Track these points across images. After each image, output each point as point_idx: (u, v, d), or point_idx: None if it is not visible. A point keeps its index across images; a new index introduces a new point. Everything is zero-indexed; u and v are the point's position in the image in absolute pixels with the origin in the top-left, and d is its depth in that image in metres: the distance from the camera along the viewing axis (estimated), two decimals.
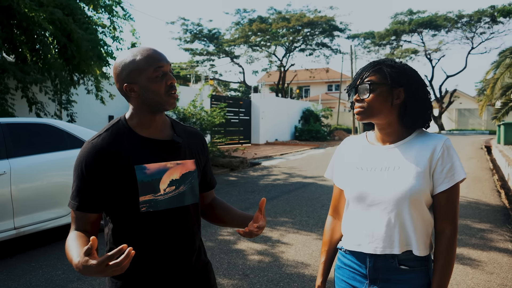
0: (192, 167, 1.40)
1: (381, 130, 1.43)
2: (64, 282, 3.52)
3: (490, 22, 30.16)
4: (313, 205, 6.47)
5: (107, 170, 1.27)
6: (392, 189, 1.35)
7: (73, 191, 1.31)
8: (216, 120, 11.43)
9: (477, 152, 15.20)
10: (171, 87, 1.29)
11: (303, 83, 40.92)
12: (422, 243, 1.36)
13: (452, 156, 1.34)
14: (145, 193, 1.29)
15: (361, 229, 1.41)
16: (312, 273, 3.70)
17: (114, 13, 9.11)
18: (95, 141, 1.30)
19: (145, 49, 1.29)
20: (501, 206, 6.46)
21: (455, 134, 30.04)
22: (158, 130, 1.36)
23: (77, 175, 1.29)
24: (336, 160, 1.58)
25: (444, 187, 1.33)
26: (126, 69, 1.28)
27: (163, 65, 1.28)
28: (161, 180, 1.31)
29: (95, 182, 1.28)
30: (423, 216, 1.35)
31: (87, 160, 1.28)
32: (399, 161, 1.38)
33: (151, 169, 1.30)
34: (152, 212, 1.30)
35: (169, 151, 1.35)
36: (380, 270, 1.38)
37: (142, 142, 1.32)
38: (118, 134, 1.32)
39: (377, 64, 1.41)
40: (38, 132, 4.70)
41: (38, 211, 4.38)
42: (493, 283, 3.51)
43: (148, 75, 1.26)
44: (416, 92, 1.37)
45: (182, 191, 1.35)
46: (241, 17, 29.12)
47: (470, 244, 4.50)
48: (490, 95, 12.80)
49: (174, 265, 1.37)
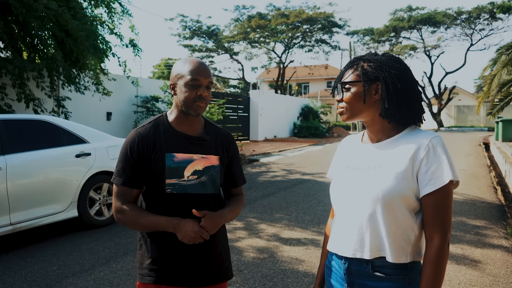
0: (216, 162, 1.62)
1: (368, 127, 1.39)
2: (59, 278, 3.54)
3: (490, 19, 30.07)
4: (310, 202, 6.49)
5: (145, 154, 1.55)
6: (367, 189, 1.29)
7: (119, 169, 1.56)
8: (214, 117, 11.43)
9: (475, 149, 15.22)
10: (199, 97, 1.52)
11: (302, 79, 40.88)
12: (398, 250, 1.26)
13: (439, 156, 1.22)
14: (171, 177, 1.54)
15: (338, 230, 1.39)
16: (306, 269, 3.72)
17: (112, 9, 9.10)
18: (140, 130, 1.59)
19: (194, 61, 1.55)
20: (497, 203, 6.48)
21: (454, 131, 30.05)
22: (191, 127, 1.61)
23: (123, 157, 1.57)
24: (334, 160, 1.56)
25: (428, 190, 1.22)
26: (175, 71, 1.56)
27: (200, 78, 1.52)
28: (186, 168, 1.55)
29: (136, 163, 1.55)
30: (400, 221, 1.26)
31: (131, 144, 1.56)
32: (381, 160, 1.31)
33: (179, 157, 1.56)
34: (175, 195, 1.54)
35: (196, 145, 1.59)
36: (355, 274, 1.34)
37: (175, 135, 1.58)
38: (158, 126, 1.59)
39: (355, 60, 1.37)
40: (34, 129, 4.70)
41: (34, 207, 4.40)
42: (485, 279, 3.53)
43: (185, 81, 1.52)
44: (393, 84, 1.28)
45: (203, 181, 1.58)
46: (240, 13, 29.04)
47: (464, 241, 4.52)
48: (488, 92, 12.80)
49: (193, 249, 1.56)
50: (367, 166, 1.34)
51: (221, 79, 37.51)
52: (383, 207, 1.25)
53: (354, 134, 1.58)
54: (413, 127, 1.35)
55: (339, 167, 1.47)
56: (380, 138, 1.36)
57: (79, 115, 10.00)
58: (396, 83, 1.28)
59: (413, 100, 1.31)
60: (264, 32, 27.69)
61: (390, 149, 1.32)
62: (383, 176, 1.27)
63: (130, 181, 1.55)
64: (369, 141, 1.41)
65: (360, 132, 1.52)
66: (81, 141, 5.03)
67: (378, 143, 1.36)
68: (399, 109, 1.30)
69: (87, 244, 4.44)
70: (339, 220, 1.40)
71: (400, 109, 1.30)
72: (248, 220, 5.39)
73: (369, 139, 1.41)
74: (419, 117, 1.34)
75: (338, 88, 1.37)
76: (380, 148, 1.35)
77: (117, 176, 1.56)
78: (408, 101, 1.30)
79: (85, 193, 4.94)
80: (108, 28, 9.26)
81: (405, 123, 1.34)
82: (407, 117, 1.32)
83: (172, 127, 1.59)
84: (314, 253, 4.14)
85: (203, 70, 1.53)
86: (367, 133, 1.43)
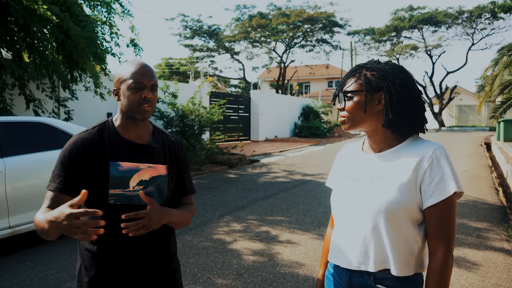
0: (164, 171, 1.52)
1: (370, 137, 1.37)
2: (58, 282, 3.52)
3: (491, 18, 30.01)
4: (310, 203, 6.47)
5: (86, 161, 1.44)
6: (370, 201, 1.27)
7: (53, 174, 1.45)
8: (214, 117, 11.41)
9: (477, 149, 15.17)
10: (144, 100, 1.43)
11: (303, 79, 40.85)
12: (402, 262, 1.24)
13: (442, 167, 1.20)
14: (115, 187, 1.43)
15: (340, 241, 1.37)
16: (307, 273, 3.70)
17: (112, 10, 9.08)
18: (82, 134, 1.49)
19: (136, 62, 1.47)
20: (498, 204, 6.44)
21: (455, 131, 30.00)
22: (138, 134, 1.51)
23: (60, 161, 1.45)
24: (334, 168, 1.53)
25: (432, 202, 1.20)
26: (118, 75, 1.47)
27: (143, 80, 1.43)
28: (132, 178, 1.45)
29: (74, 169, 1.43)
30: (404, 233, 1.24)
31: (71, 149, 1.45)
32: (383, 171, 1.29)
33: (124, 167, 1.45)
34: (119, 206, 1.43)
35: (144, 154, 1.50)
36: (356, 286, 1.32)
37: (121, 142, 1.48)
38: (103, 132, 1.49)
39: (358, 68, 1.34)
40: (33, 131, 4.68)
41: (33, 210, 4.37)
42: (487, 283, 3.50)
43: (128, 85, 1.44)
44: (397, 95, 1.26)
45: (150, 191, 1.48)
46: (241, 13, 29.03)
47: (466, 244, 4.49)
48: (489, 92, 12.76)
49: (139, 263, 1.47)
50: (369, 177, 1.31)
51: (222, 78, 37.50)
52: (386, 219, 1.23)
53: (354, 141, 1.54)
54: (415, 136, 1.33)
55: (340, 177, 1.44)
56: (382, 148, 1.34)
57: (79, 115, 9.98)
58: (400, 93, 1.26)
59: (417, 110, 1.29)
60: (265, 32, 27.68)
61: (392, 160, 1.29)
62: (386, 188, 1.25)
63: (61, 185, 1.41)
64: (371, 151, 1.38)
65: (360, 140, 1.49)
66: None
67: (380, 153, 1.34)
68: (403, 120, 1.27)
69: None
70: (341, 231, 1.37)
71: (404, 120, 1.27)
72: (249, 222, 5.36)
73: (370, 149, 1.39)
74: (422, 127, 1.32)
75: (340, 96, 1.34)
76: (382, 159, 1.32)
77: (49, 182, 1.44)
78: (412, 112, 1.28)
79: None
80: (109, 28, 9.25)
81: (408, 133, 1.32)
82: (411, 127, 1.30)
83: (118, 133, 1.49)
84: (314, 256, 4.11)
85: (145, 71, 1.45)
86: (368, 142, 1.40)
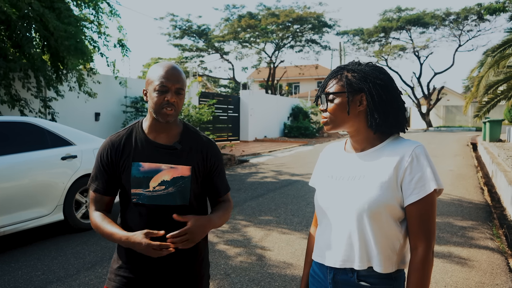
0: (186, 172, 1.54)
1: (352, 137, 1.39)
2: (43, 283, 3.48)
3: (477, 20, 30.43)
4: (298, 203, 6.49)
5: (113, 163, 1.54)
6: (352, 200, 1.29)
7: (92, 176, 1.58)
8: (204, 117, 11.39)
9: (463, 149, 15.38)
10: (167, 103, 1.46)
11: (292, 79, 40.94)
12: (385, 259, 1.27)
13: (422, 165, 1.24)
14: (136, 187, 1.50)
15: (324, 240, 1.38)
16: (294, 273, 3.71)
17: (100, 9, 8.99)
18: (112, 137, 1.58)
19: (165, 65, 1.50)
20: (483, 203, 6.54)
21: (443, 131, 30.35)
22: (165, 134, 1.55)
23: (95, 163, 1.58)
24: (317, 168, 1.55)
25: (413, 199, 1.23)
26: (147, 76, 1.52)
27: (168, 83, 1.46)
28: (153, 178, 1.50)
29: (106, 171, 1.55)
30: (386, 230, 1.27)
31: (101, 152, 1.56)
32: (365, 170, 1.31)
33: (145, 167, 1.51)
34: (141, 205, 1.51)
35: (166, 154, 1.53)
36: (340, 284, 1.34)
37: (146, 143, 1.54)
38: (132, 133, 1.57)
39: (339, 70, 1.36)
40: (19, 131, 4.62)
41: (18, 211, 4.32)
42: (471, 280, 3.55)
43: (154, 87, 1.48)
44: (378, 96, 1.28)
45: (171, 192, 1.51)
46: (231, 13, 28.96)
47: (451, 242, 4.55)
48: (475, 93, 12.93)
49: (165, 265, 1.52)
50: (351, 176, 1.34)
51: (212, 78, 37.40)
52: (369, 217, 1.26)
53: (337, 141, 1.56)
54: (396, 136, 1.36)
55: (323, 176, 1.46)
56: (364, 148, 1.37)
57: (66, 115, 9.88)
58: (381, 94, 1.29)
59: (398, 111, 1.32)
60: (255, 32, 27.66)
61: (374, 159, 1.32)
62: (368, 186, 1.27)
63: (101, 188, 1.55)
64: (353, 150, 1.40)
65: (342, 140, 1.51)
66: (67, 143, 4.96)
67: (362, 153, 1.36)
68: (385, 120, 1.30)
69: (72, 248, 4.38)
70: (325, 230, 1.39)
71: (387, 120, 1.30)
72: (236, 223, 5.37)
73: (352, 148, 1.41)
74: (403, 127, 1.35)
75: (322, 98, 1.36)
76: (364, 158, 1.35)
77: (91, 182, 1.58)
78: (393, 112, 1.31)
79: (71, 196, 4.87)
80: (96, 27, 9.16)
81: (389, 133, 1.35)
82: (393, 127, 1.33)
83: (145, 134, 1.55)
84: (302, 256, 4.13)
85: (171, 74, 1.47)
86: (350, 142, 1.42)
